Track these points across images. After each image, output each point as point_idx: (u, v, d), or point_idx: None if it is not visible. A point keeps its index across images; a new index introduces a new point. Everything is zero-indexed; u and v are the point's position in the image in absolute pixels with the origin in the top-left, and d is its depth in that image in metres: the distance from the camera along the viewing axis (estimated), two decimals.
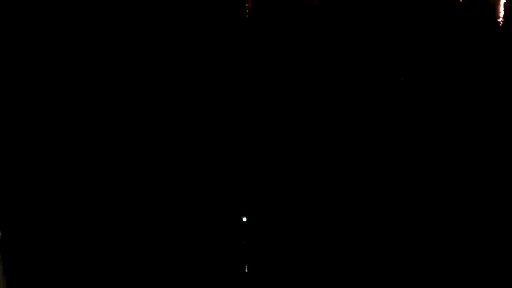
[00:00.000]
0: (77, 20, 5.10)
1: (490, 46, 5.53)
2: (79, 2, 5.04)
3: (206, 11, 6.04)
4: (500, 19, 5.53)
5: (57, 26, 5.03)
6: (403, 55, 6.03)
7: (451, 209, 4.47)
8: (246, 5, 6.24)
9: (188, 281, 3.92)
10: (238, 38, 6.03)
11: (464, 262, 3.98)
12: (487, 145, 5.03)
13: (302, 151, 5.23)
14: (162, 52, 5.78)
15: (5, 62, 4.95)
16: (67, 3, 4.98)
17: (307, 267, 4.06)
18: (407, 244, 4.20)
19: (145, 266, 3.91)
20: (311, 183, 4.83)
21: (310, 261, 4.09)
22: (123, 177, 4.73)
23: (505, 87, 5.31)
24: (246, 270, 4.06)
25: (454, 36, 5.90)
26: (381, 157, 5.13)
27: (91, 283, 3.80)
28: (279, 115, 5.59)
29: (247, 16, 6.25)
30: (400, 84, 5.80)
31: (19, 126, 4.95)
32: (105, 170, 4.76)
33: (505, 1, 5.47)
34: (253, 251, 4.16)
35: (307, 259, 4.10)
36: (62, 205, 4.42)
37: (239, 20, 6.16)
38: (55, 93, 5.18)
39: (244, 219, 4.39)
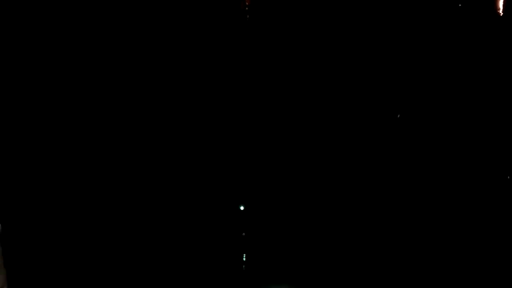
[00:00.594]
0: (76, 20, 5.10)
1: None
2: (79, 2, 5.05)
3: (205, 9, 6.04)
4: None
5: (58, 26, 5.03)
6: (401, 54, 6.04)
7: (448, 210, 4.48)
8: (246, 3, 6.24)
9: (187, 276, 3.92)
10: (237, 35, 6.03)
11: (463, 262, 3.98)
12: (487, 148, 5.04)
13: (300, 149, 5.23)
14: (160, 51, 5.78)
15: (5, 62, 4.95)
16: (67, 3, 4.99)
17: (305, 263, 4.06)
18: (403, 240, 4.20)
19: (144, 261, 3.91)
20: (308, 179, 4.83)
21: (308, 257, 4.08)
22: (122, 172, 4.73)
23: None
24: (245, 265, 4.06)
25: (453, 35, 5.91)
26: (378, 154, 5.13)
27: (90, 275, 3.80)
28: (279, 112, 5.59)
29: (247, 15, 6.25)
30: (399, 84, 5.81)
31: (19, 125, 4.95)
32: (104, 165, 4.76)
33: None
34: (252, 246, 4.16)
35: (306, 255, 4.10)
36: (62, 200, 4.42)
37: (238, 17, 6.16)
38: (55, 93, 5.18)
39: (242, 208, 4.39)
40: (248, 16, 5.95)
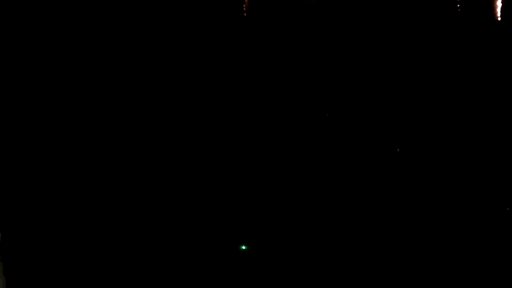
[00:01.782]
0: (76, 20, 5.10)
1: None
2: (79, 2, 5.05)
3: (204, 10, 6.04)
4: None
5: (58, 27, 5.03)
6: (400, 52, 6.04)
7: (448, 210, 4.49)
8: (244, 4, 6.24)
9: (186, 276, 3.94)
10: (235, 36, 6.03)
11: (463, 262, 4.00)
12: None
13: (299, 149, 5.24)
14: (159, 51, 5.77)
15: (5, 63, 4.95)
16: (67, 3, 4.98)
17: (304, 264, 4.08)
18: (400, 240, 4.22)
19: (143, 266, 3.92)
20: (305, 179, 4.84)
21: (307, 258, 4.10)
22: (122, 178, 4.73)
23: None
24: (244, 265, 4.08)
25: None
26: (375, 153, 5.14)
27: (89, 281, 3.80)
28: (278, 112, 5.60)
29: (244, 14, 6.25)
30: (398, 82, 5.81)
31: (19, 128, 4.95)
32: (104, 171, 4.76)
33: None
34: (251, 248, 4.17)
35: (304, 255, 4.12)
36: (61, 204, 4.42)
37: (237, 18, 6.17)
38: (55, 93, 5.18)
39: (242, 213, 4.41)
40: (246, 20, 5.96)
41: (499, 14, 5.61)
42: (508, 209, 4.38)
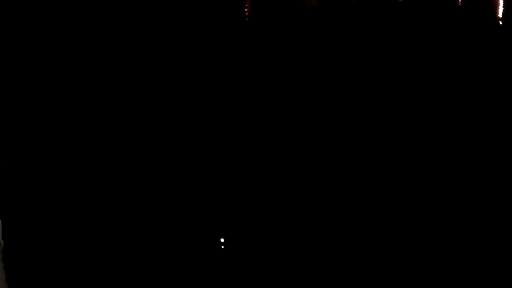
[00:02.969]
0: (75, 21, 5.12)
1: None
2: (78, 2, 5.07)
3: (206, 13, 6.06)
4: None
5: (58, 27, 5.05)
6: (402, 55, 6.05)
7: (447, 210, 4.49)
8: (246, 6, 6.26)
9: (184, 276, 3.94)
10: (238, 39, 6.05)
11: (463, 262, 3.99)
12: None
13: (299, 150, 5.25)
14: (161, 53, 5.80)
15: (5, 63, 4.97)
16: (67, 4, 5.01)
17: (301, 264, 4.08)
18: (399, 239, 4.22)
19: (142, 261, 3.92)
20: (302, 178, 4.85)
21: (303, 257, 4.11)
22: (121, 177, 4.74)
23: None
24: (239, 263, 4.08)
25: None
26: (375, 153, 5.15)
27: (90, 281, 3.81)
28: (279, 114, 5.61)
29: (246, 18, 6.28)
30: (399, 83, 5.82)
31: (19, 128, 4.97)
32: (103, 172, 4.78)
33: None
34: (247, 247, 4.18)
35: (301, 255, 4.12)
36: (60, 205, 4.44)
37: (239, 21, 6.20)
38: (55, 93, 5.20)
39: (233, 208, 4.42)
40: (248, 25, 5.98)
41: (500, 14, 5.63)
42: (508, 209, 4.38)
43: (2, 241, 2.44)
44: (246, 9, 6.21)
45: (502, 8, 5.63)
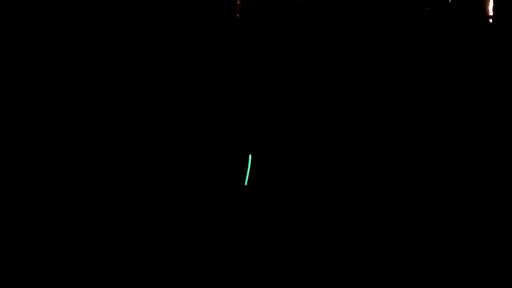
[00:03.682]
0: (74, 21, 5.11)
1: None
2: (78, 2, 5.06)
3: (196, 10, 6.06)
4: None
5: (57, 26, 5.04)
6: (397, 54, 6.05)
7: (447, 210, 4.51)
8: (237, 3, 6.27)
9: (185, 276, 3.94)
10: (228, 36, 6.05)
11: (463, 262, 4.00)
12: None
13: (295, 151, 5.25)
14: (152, 52, 5.79)
15: (5, 63, 4.97)
16: (67, 3, 4.99)
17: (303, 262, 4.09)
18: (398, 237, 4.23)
19: (143, 261, 3.93)
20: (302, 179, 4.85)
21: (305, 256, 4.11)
22: (120, 177, 4.74)
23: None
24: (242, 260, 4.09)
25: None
26: (373, 154, 5.15)
27: (90, 281, 3.82)
28: (272, 114, 5.62)
29: (237, 14, 6.28)
30: (396, 83, 5.83)
31: (19, 128, 4.97)
32: (103, 172, 4.78)
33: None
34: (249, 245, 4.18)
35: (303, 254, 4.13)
36: (60, 205, 4.44)
37: (229, 18, 6.19)
38: (54, 93, 5.20)
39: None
40: (238, 21, 5.98)
41: (491, 12, 5.64)
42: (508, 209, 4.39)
43: None
44: (236, 5, 6.20)
45: (492, 6, 5.64)
